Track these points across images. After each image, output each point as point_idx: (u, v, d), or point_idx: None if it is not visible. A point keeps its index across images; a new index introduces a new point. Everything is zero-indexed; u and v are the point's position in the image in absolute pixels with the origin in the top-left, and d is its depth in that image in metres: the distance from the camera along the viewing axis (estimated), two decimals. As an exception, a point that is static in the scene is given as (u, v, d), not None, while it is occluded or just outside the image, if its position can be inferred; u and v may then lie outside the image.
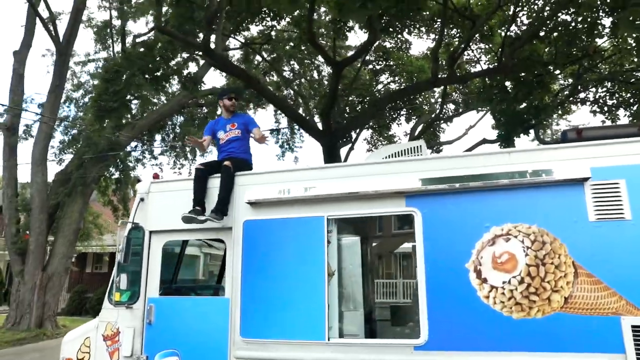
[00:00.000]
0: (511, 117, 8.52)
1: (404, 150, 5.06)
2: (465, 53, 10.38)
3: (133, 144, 18.85)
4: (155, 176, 5.39)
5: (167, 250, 5.11)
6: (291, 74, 19.28)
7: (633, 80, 9.92)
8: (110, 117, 9.55)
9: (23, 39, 15.39)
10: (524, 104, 8.65)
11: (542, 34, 8.41)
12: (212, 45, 8.94)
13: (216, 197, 4.66)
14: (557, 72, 9.12)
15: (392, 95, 11.77)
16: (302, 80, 19.67)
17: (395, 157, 4.87)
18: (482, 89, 9.68)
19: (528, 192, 3.92)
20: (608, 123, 10.41)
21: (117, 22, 16.63)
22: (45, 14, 14.95)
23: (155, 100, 19.87)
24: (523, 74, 8.36)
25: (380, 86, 16.66)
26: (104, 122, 10.59)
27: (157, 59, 8.66)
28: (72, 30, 14.37)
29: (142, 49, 9.34)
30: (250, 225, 4.61)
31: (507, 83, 9.04)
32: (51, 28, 14.15)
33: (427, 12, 10.48)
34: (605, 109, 10.49)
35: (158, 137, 20.26)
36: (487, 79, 9.46)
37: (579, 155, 3.87)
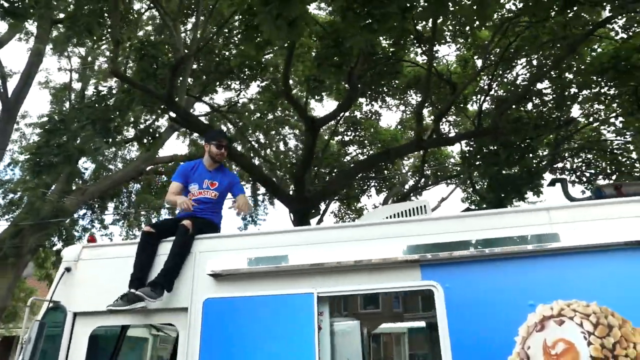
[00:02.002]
0: (503, 182, 8.05)
1: (408, 210, 4.17)
2: (446, 119, 10.18)
3: (82, 211, 17.17)
4: (92, 239, 4.19)
5: (97, 338, 3.78)
6: (257, 145, 18.74)
7: (609, 150, 9.86)
8: (48, 173, 8.30)
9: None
10: (514, 169, 8.29)
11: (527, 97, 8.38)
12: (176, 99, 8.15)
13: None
14: (543, 137, 8.94)
15: (372, 159, 11.24)
16: (269, 150, 19.13)
17: (399, 217, 3.97)
18: (466, 154, 9.30)
19: (581, 258, 3.05)
20: (588, 193, 10.19)
21: (77, 85, 15.83)
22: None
23: (111, 167, 18.58)
24: (512, 137, 8.04)
25: (348, 157, 16.26)
26: (40, 178, 9.22)
27: (111, 109, 7.69)
28: (24, 86, 13.32)
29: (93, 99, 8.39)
30: (213, 306, 3.43)
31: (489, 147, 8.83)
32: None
33: (401, 80, 10.31)
34: (584, 179, 10.29)
35: (111, 205, 18.66)
36: (472, 144, 9.13)
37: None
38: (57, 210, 13.51)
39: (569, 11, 4.76)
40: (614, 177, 9.75)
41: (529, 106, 8.85)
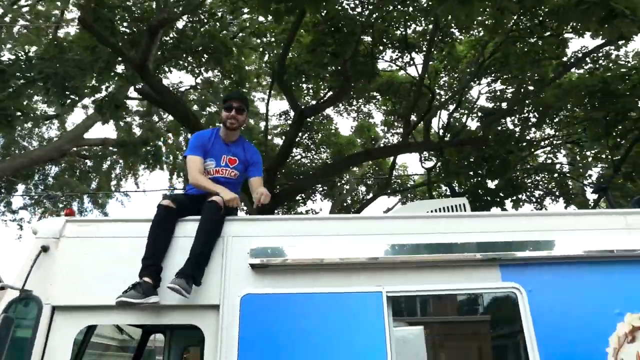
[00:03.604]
0: (486, 194, 8.12)
1: (447, 207, 3.81)
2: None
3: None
4: (70, 212, 3.26)
5: (85, 343, 2.90)
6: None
7: (557, 173, 10.50)
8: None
9: None
10: (495, 181, 8.44)
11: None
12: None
13: (182, 258, 2.78)
14: (524, 153, 9.27)
15: (352, 158, 10.83)
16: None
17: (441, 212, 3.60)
18: (446, 162, 9.31)
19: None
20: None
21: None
22: None
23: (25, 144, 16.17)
24: (497, 149, 8.16)
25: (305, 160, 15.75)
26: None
27: (70, 65, 6.34)
28: None
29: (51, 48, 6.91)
30: (253, 303, 2.76)
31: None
32: None
33: (374, 84, 10.13)
34: (533, 198, 10.85)
35: (22, 187, 16.20)
36: (441, 156, 9.17)
37: None
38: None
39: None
40: (560, 199, 10.40)
41: (509, 121, 9.20)
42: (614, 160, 7.85)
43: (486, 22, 6.55)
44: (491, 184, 8.53)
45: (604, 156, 9.06)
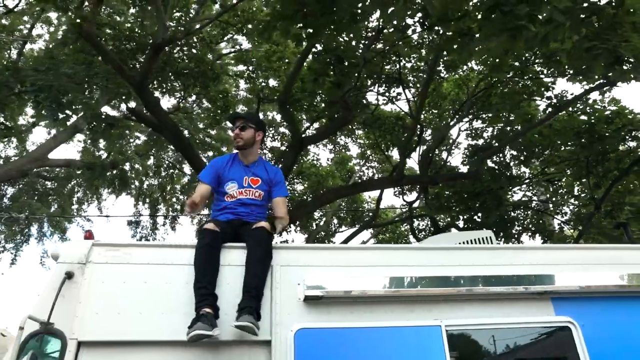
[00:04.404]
0: (479, 228, 8.23)
1: (476, 239, 3.80)
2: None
3: None
4: (89, 236, 2.97)
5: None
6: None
7: (535, 210, 10.90)
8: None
9: None
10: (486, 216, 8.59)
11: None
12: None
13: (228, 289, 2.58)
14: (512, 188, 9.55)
15: (343, 189, 10.71)
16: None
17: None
18: (437, 197, 9.41)
19: None
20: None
21: None
22: None
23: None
24: (491, 184, 8.35)
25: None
26: None
27: (63, 79, 5.87)
28: None
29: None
30: (307, 338, 2.56)
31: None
32: None
33: (359, 117, 10.26)
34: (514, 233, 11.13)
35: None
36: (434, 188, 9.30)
37: None
38: None
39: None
40: (537, 236, 10.73)
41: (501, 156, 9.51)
42: (594, 198, 8.26)
43: (487, 62, 6.87)
44: (482, 219, 8.73)
45: (581, 194, 9.54)
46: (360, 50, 6.83)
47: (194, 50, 9.29)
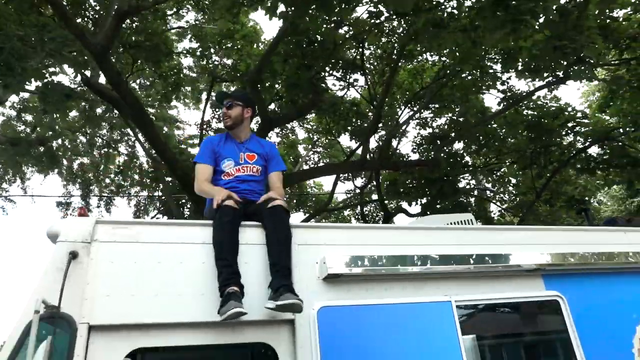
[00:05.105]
0: (438, 213, 8.56)
1: (458, 221, 4.03)
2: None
3: None
4: (83, 212, 2.76)
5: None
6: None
7: (479, 197, 11.66)
8: None
9: None
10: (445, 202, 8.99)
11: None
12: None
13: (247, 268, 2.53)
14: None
15: (302, 174, 10.57)
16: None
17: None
18: (389, 183, 9.66)
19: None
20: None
21: None
22: None
23: None
24: (449, 170, 8.73)
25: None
26: None
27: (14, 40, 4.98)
28: None
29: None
30: (330, 316, 2.59)
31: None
32: None
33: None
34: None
35: None
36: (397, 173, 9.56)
37: None
38: None
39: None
40: (478, 222, 11.49)
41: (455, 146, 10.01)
42: (536, 187, 9.01)
43: (457, 53, 7.16)
44: (441, 205, 9.19)
45: (520, 184, 10.36)
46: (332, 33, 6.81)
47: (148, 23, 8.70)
